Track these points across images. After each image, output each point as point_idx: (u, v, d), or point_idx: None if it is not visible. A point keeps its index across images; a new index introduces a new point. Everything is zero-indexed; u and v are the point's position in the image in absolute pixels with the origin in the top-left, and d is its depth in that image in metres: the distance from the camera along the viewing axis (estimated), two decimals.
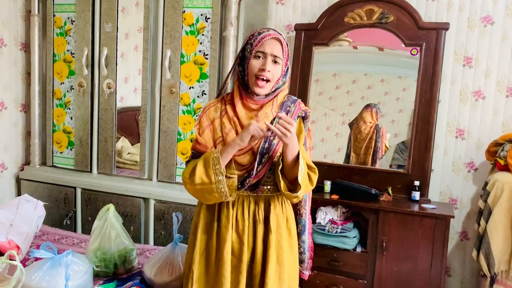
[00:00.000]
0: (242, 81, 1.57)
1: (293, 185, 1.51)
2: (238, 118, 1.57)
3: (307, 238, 1.74)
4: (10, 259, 1.73)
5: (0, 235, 2.03)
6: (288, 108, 1.59)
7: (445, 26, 2.71)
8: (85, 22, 3.00)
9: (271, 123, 1.48)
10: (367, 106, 2.99)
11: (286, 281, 1.61)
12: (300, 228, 1.72)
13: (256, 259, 1.58)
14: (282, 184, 1.51)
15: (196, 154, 1.60)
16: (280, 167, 1.51)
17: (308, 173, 1.55)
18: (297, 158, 1.46)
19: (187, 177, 1.54)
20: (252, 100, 1.56)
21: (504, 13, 2.72)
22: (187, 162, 1.64)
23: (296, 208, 1.72)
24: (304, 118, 1.62)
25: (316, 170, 1.58)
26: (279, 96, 1.60)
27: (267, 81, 1.52)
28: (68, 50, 3.10)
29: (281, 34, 1.55)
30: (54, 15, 3.11)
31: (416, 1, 2.86)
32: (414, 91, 2.79)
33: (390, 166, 2.91)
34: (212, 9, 2.70)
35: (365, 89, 3.04)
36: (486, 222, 2.46)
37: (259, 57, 1.52)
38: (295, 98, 1.64)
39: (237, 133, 1.55)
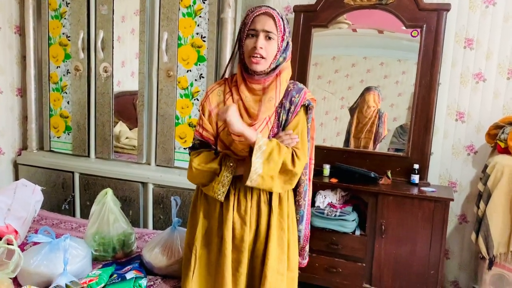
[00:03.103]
0: (242, 62, 1.54)
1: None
2: (242, 101, 1.54)
3: (303, 228, 1.74)
4: (8, 244, 1.72)
5: None
6: (292, 98, 1.55)
7: (446, 7, 2.67)
8: (80, 4, 2.95)
9: (276, 111, 1.54)
10: (368, 89, 2.97)
11: (286, 262, 1.62)
12: (298, 218, 1.70)
13: (260, 240, 1.58)
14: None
15: (203, 142, 1.60)
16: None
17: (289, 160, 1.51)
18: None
19: (197, 167, 1.56)
20: (254, 80, 1.53)
21: None
22: (193, 148, 1.62)
23: (295, 199, 1.70)
24: (307, 108, 1.59)
25: (298, 161, 1.52)
26: (282, 76, 1.55)
27: (262, 57, 1.48)
28: (63, 33, 3.05)
29: (274, 10, 1.50)
30: None
31: None
32: (414, 75, 2.76)
33: (388, 149, 2.90)
34: None
35: (364, 72, 3.01)
36: (486, 205, 2.46)
37: (252, 35, 1.49)
38: (301, 86, 1.59)
39: (241, 116, 1.52)
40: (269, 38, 1.49)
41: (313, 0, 2.97)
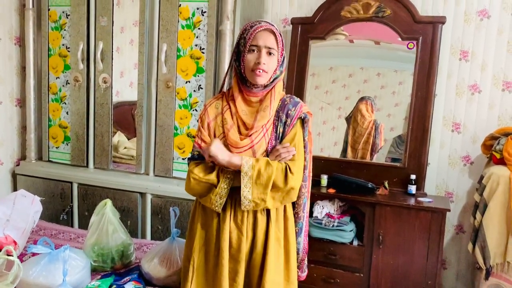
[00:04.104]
0: (240, 76, 1.57)
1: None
2: (239, 114, 1.58)
3: (302, 240, 1.75)
4: (8, 255, 1.72)
5: None
6: (289, 111, 1.59)
7: (441, 20, 2.71)
8: (80, 16, 2.98)
9: (273, 123, 1.58)
10: (362, 98, 3.00)
11: (284, 273, 1.63)
12: (296, 230, 1.71)
13: (257, 250, 1.59)
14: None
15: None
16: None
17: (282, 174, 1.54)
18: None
19: (195, 178, 1.58)
20: (251, 93, 1.57)
21: (500, 7, 2.73)
22: (192, 159, 1.64)
23: (294, 211, 1.71)
24: (304, 121, 1.62)
25: (293, 178, 1.54)
26: (277, 87, 1.60)
27: (264, 71, 1.52)
28: (63, 45, 3.08)
29: (273, 25, 1.55)
30: (48, 9, 3.09)
31: None
32: (411, 85, 2.80)
33: (386, 159, 2.92)
34: (208, 2, 2.69)
35: (361, 82, 3.04)
36: (482, 215, 2.48)
37: (253, 50, 1.53)
38: (298, 100, 1.62)
39: (238, 129, 1.57)
40: (271, 53, 1.53)
41: (310, 12, 3.01)
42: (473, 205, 2.64)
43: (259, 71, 1.51)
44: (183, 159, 2.85)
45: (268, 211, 1.60)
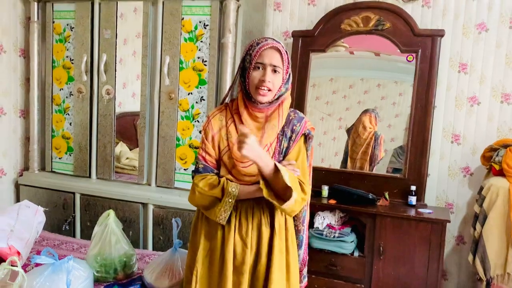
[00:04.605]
0: (245, 91, 1.58)
1: (284, 193, 1.47)
2: None
3: (302, 252, 1.77)
4: (12, 265, 1.74)
5: (0, 241, 2.04)
6: (294, 127, 1.61)
7: (440, 33, 2.75)
8: (84, 28, 3.03)
9: (278, 138, 1.58)
10: (366, 111, 3.02)
11: (286, 285, 1.64)
12: (297, 242, 1.73)
13: (261, 262, 1.60)
14: (273, 201, 1.48)
15: (207, 166, 1.63)
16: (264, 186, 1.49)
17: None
18: (275, 168, 1.45)
19: (200, 191, 1.58)
20: (257, 108, 1.58)
21: (498, 20, 2.77)
22: (196, 171, 1.65)
23: (294, 223, 1.72)
24: (307, 137, 1.64)
25: (307, 188, 1.55)
26: (284, 105, 1.61)
27: (269, 90, 1.54)
28: (67, 57, 3.12)
29: (279, 43, 1.55)
30: (53, 22, 3.13)
31: (412, 8, 2.90)
32: (411, 96, 2.83)
33: (387, 169, 2.93)
34: (211, 16, 2.73)
35: (361, 93, 3.07)
36: (482, 227, 2.49)
37: (258, 68, 1.54)
38: (302, 116, 1.65)
39: None
40: (276, 71, 1.54)
41: (311, 25, 3.06)
42: (473, 216, 2.65)
43: (263, 89, 1.53)
44: (185, 169, 2.87)
45: (272, 223, 1.62)
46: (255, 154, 1.42)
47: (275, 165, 1.45)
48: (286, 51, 1.57)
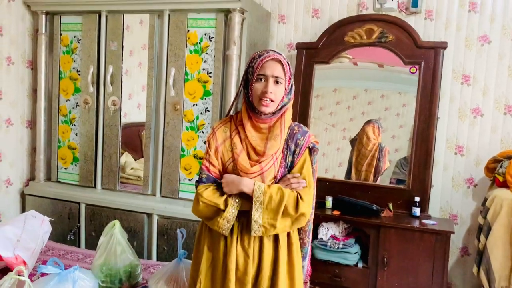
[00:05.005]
0: (249, 103, 1.62)
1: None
2: (248, 139, 1.61)
3: (306, 264, 1.78)
4: (19, 275, 1.76)
5: (7, 250, 2.06)
6: (298, 141, 1.63)
7: (443, 45, 2.77)
8: (91, 40, 3.07)
9: (283, 152, 1.63)
10: (369, 121, 3.04)
11: None
12: (302, 255, 1.74)
13: (263, 274, 1.61)
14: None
15: (211, 177, 1.65)
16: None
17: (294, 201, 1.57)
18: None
19: (203, 201, 1.61)
20: (260, 119, 1.60)
21: (500, 32, 2.79)
22: (200, 181, 1.67)
23: (300, 236, 1.74)
24: (312, 150, 1.66)
25: (303, 205, 1.57)
26: (286, 115, 1.63)
27: (271, 100, 1.57)
28: (74, 68, 3.16)
29: (281, 54, 1.59)
30: (61, 34, 3.18)
31: (414, 21, 2.93)
32: (414, 107, 2.84)
33: (390, 181, 2.94)
34: (216, 28, 2.77)
35: (365, 104, 3.09)
36: (486, 238, 2.49)
37: (260, 79, 1.57)
38: (306, 129, 1.67)
39: (248, 154, 1.60)
40: (278, 82, 1.58)
41: (314, 37, 3.09)
42: (477, 227, 2.65)
43: (266, 101, 1.56)
44: (189, 180, 2.89)
45: (276, 236, 1.63)
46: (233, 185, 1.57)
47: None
48: (287, 62, 1.60)
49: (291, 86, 1.62)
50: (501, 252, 2.44)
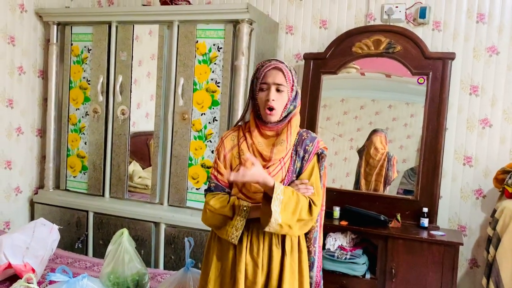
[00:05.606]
0: (256, 112, 1.65)
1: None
2: (255, 145, 1.63)
3: (315, 274, 1.76)
4: (28, 282, 1.77)
5: (16, 258, 2.07)
6: (306, 147, 1.65)
7: (451, 56, 2.78)
8: (101, 50, 3.11)
9: (291, 157, 1.62)
10: (375, 131, 3.03)
11: None
12: (309, 264, 1.73)
13: (272, 282, 1.61)
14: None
15: (219, 185, 1.67)
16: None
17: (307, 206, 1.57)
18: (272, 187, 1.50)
19: (211, 209, 1.61)
20: (267, 127, 1.64)
21: (509, 43, 2.79)
22: (209, 190, 1.69)
23: (306, 245, 1.73)
24: (320, 156, 1.67)
25: (314, 209, 1.58)
26: (293, 121, 1.65)
27: (273, 109, 1.59)
28: (84, 78, 3.21)
29: (283, 63, 1.62)
30: (71, 44, 3.23)
31: (422, 32, 2.94)
32: (422, 117, 2.84)
33: (398, 191, 2.92)
34: (224, 39, 2.80)
35: (373, 114, 3.09)
36: (495, 250, 2.47)
37: (263, 89, 1.61)
38: (315, 135, 1.69)
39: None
40: (280, 90, 1.60)
41: (322, 48, 3.11)
42: (486, 239, 2.63)
43: (269, 110, 1.58)
44: (197, 189, 2.90)
45: (283, 244, 1.63)
46: (256, 175, 1.49)
47: (274, 184, 1.50)
48: (289, 70, 1.62)
49: (296, 93, 1.64)
50: (511, 264, 2.41)
